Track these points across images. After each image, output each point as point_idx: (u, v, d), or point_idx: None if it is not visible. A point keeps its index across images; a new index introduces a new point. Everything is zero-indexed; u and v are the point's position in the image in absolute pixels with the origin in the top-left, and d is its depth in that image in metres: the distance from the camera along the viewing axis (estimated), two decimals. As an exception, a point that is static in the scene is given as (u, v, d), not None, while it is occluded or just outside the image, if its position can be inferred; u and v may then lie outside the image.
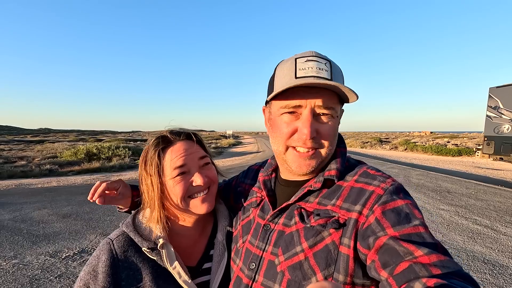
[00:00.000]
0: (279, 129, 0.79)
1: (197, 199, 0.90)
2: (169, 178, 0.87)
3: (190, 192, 0.89)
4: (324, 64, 0.73)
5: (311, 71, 0.72)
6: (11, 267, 3.55)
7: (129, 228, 0.88)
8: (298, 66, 0.74)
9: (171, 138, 0.91)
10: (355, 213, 0.68)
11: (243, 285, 0.79)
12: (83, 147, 15.93)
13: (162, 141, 0.90)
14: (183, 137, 0.92)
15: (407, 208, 0.65)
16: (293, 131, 0.76)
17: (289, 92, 0.74)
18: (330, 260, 0.67)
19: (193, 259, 0.94)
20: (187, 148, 0.90)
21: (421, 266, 0.52)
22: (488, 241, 4.46)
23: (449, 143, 28.10)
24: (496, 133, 12.53)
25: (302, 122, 0.74)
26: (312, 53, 0.76)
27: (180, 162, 0.87)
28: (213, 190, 0.95)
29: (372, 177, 0.74)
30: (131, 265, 0.82)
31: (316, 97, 0.73)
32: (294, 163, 0.79)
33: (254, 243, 0.83)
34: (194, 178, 0.89)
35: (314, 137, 0.74)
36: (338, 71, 0.76)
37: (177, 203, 0.89)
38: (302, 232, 0.73)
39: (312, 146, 0.76)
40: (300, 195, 0.78)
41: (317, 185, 0.77)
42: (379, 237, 0.61)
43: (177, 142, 0.90)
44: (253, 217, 0.90)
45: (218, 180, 0.98)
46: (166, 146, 0.89)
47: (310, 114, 0.74)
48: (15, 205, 6.49)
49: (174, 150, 0.88)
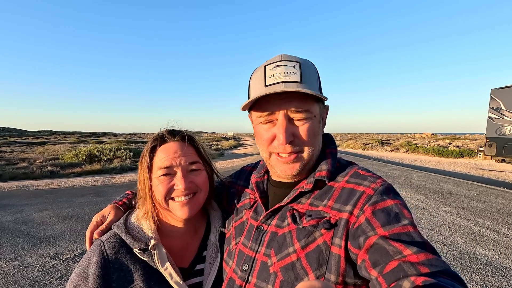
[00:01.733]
0: (260, 136, 0.82)
1: (178, 202, 0.89)
2: (154, 176, 0.89)
3: (171, 194, 0.88)
4: (293, 67, 0.74)
5: (279, 77, 0.73)
6: (12, 269, 3.54)
7: (120, 229, 0.87)
8: (267, 73, 0.75)
9: (166, 137, 0.92)
10: (346, 213, 0.69)
11: (236, 286, 0.79)
12: (84, 149, 15.96)
13: (157, 139, 0.91)
14: (178, 138, 0.92)
15: (397, 208, 0.66)
16: (272, 138, 0.78)
17: (263, 100, 0.76)
18: (322, 260, 0.68)
19: (186, 260, 0.94)
20: (176, 150, 0.89)
21: (409, 264, 0.53)
22: (491, 243, 4.43)
23: (450, 144, 28.04)
24: (498, 135, 12.49)
25: (278, 128, 0.76)
26: (280, 57, 0.76)
27: (165, 163, 0.87)
28: (199, 198, 0.93)
29: (363, 178, 0.75)
30: (122, 266, 0.82)
31: (288, 102, 0.74)
32: (278, 168, 0.81)
33: (247, 244, 0.83)
34: (176, 181, 0.88)
35: (292, 141, 0.76)
36: (309, 71, 0.77)
37: (159, 202, 0.89)
38: (294, 233, 0.74)
39: (292, 150, 0.77)
40: (292, 196, 0.79)
41: (308, 186, 0.78)
42: (369, 237, 0.62)
43: (170, 142, 0.91)
44: (246, 219, 0.90)
45: (207, 188, 0.96)
46: (159, 144, 0.90)
47: (284, 119, 0.75)
48: (17, 206, 6.50)
49: (164, 150, 0.89)
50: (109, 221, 0.94)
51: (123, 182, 10.17)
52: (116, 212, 0.97)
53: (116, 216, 0.96)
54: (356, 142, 36.72)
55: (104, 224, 0.93)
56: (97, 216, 0.96)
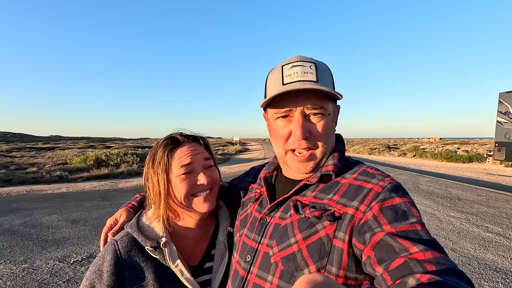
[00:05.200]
0: (276, 133, 0.84)
1: (200, 197, 0.93)
2: (175, 176, 0.91)
3: (194, 191, 0.93)
4: (309, 67, 0.78)
5: (296, 76, 0.77)
6: (21, 272, 3.61)
7: (133, 229, 0.91)
8: (284, 73, 0.79)
9: (180, 139, 0.96)
10: (352, 208, 0.70)
11: (239, 277, 0.81)
12: (92, 154, 16.17)
13: (171, 142, 0.95)
14: (192, 139, 0.98)
15: (405, 206, 0.66)
16: (288, 134, 0.81)
17: (280, 98, 0.79)
18: (323, 253, 0.69)
19: (195, 258, 0.97)
20: (194, 149, 0.95)
21: (416, 262, 0.53)
22: (501, 249, 4.35)
23: (459, 149, 27.60)
24: (507, 139, 12.27)
25: (294, 124, 0.79)
26: (297, 58, 0.80)
27: (187, 161, 0.92)
28: (215, 191, 0.99)
29: (371, 176, 0.76)
30: (135, 264, 0.85)
31: (305, 99, 0.77)
32: (294, 165, 0.83)
33: (251, 236, 0.85)
34: (199, 177, 0.93)
35: (307, 137, 0.79)
36: (324, 72, 0.80)
37: (180, 201, 0.92)
38: (296, 223, 0.75)
39: (307, 146, 0.80)
40: (296, 188, 0.81)
41: (313, 179, 0.80)
42: (375, 233, 0.62)
43: (185, 143, 0.96)
44: (251, 212, 0.92)
45: (219, 182, 1.03)
46: (175, 147, 0.94)
47: (300, 116, 0.78)
48: (26, 210, 6.62)
49: (183, 150, 0.94)
50: (122, 222, 0.99)
51: (130, 187, 10.27)
52: (128, 214, 1.03)
53: (127, 217, 1.01)
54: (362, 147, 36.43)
55: (117, 225, 0.98)
56: (110, 219, 1.01)
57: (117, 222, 1.00)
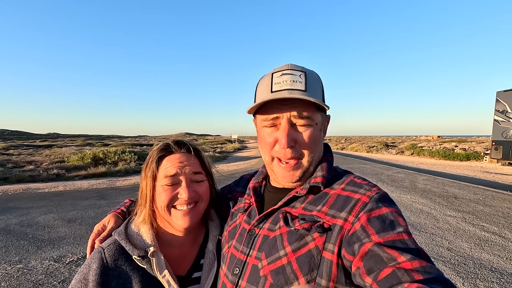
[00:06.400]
0: (263, 140, 0.84)
1: (180, 211, 0.91)
2: (159, 184, 0.91)
3: (174, 203, 0.91)
4: (299, 76, 0.77)
5: (285, 85, 0.76)
6: (16, 272, 3.59)
7: (121, 236, 0.89)
8: (274, 80, 0.79)
9: (172, 148, 0.95)
10: (340, 220, 0.70)
11: None
12: (89, 152, 16.13)
13: (164, 149, 0.94)
14: (184, 149, 0.96)
15: (392, 216, 0.66)
16: (274, 141, 0.81)
17: (267, 105, 0.79)
18: (313, 265, 0.68)
19: (183, 268, 0.95)
20: (182, 161, 0.93)
21: (403, 271, 0.54)
22: (496, 249, 4.36)
23: (456, 147, 27.72)
24: (504, 138, 12.33)
25: (280, 132, 0.78)
26: (287, 66, 0.80)
27: (171, 172, 0.90)
28: (199, 207, 0.95)
29: (359, 186, 0.76)
30: (121, 273, 0.84)
31: (292, 108, 0.77)
32: (279, 174, 0.83)
33: (239, 248, 0.84)
34: (181, 191, 0.90)
35: (293, 146, 0.78)
36: (314, 81, 0.80)
37: (161, 210, 0.91)
38: (285, 236, 0.74)
39: (292, 156, 0.79)
40: (285, 200, 0.80)
41: (302, 191, 0.79)
42: (364, 244, 0.62)
43: (176, 153, 0.94)
44: (239, 223, 0.91)
45: (208, 199, 0.99)
46: (165, 155, 0.94)
47: (287, 124, 0.77)
48: (22, 209, 6.60)
49: (171, 160, 0.92)
50: (110, 228, 0.97)
51: (128, 185, 10.25)
52: (116, 220, 1.01)
53: (116, 223, 0.99)
54: (361, 145, 36.52)
55: (105, 231, 0.96)
56: (98, 225, 0.99)
57: (105, 228, 0.98)
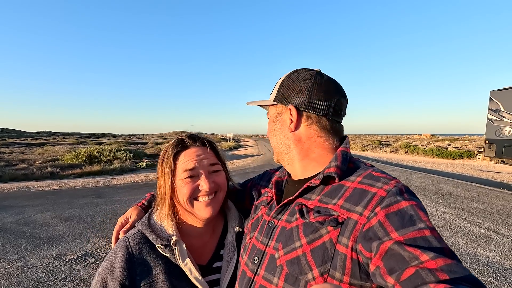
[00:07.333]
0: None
1: (202, 202, 0.94)
2: (179, 179, 0.93)
3: (196, 195, 0.94)
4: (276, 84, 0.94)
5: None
6: (16, 270, 3.55)
7: (144, 227, 0.93)
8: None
9: (187, 142, 0.96)
10: (355, 214, 0.68)
11: (246, 278, 0.82)
12: (84, 150, 15.95)
13: (179, 144, 0.96)
14: (199, 143, 0.98)
15: (412, 210, 0.63)
16: None
17: None
18: (326, 258, 0.68)
19: (204, 258, 0.98)
20: (199, 154, 0.95)
21: (427, 271, 0.51)
22: (492, 244, 4.47)
23: (449, 146, 28.10)
24: (497, 136, 12.53)
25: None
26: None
27: (190, 166, 0.92)
28: (219, 196, 0.98)
29: (376, 179, 0.74)
30: (145, 261, 0.87)
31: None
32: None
33: (259, 238, 0.86)
34: (201, 183, 0.93)
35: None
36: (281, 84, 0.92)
37: (183, 203, 0.94)
38: (301, 227, 0.75)
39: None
40: (300, 190, 0.80)
41: (316, 181, 0.79)
42: (383, 242, 0.60)
43: (192, 147, 0.96)
44: (261, 215, 0.93)
45: (226, 188, 1.02)
46: (181, 150, 0.95)
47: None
48: (18, 208, 6.51)
49: (188, 154, 0.94)
50: (132, 220, 1.01)
51: (124, 183, 10.18)
52: (138, 212, 1.05)
53: (138, 216, 1.03)
54: (355, 144, 36.76)
55: (128, 223, 1.00)
56: (121, 218, 1.03)
57: (128, 220, 1.02)
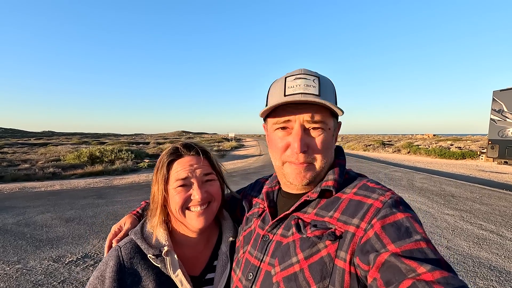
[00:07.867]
0: (274, 144, 0.83)
1: (194, 212, 0.92)
2: (171, 188, 0.93)
3: (188, 204, 0.93)
4: (313, 81, 0.76)
5: (298, 89, 0.76)
6: (15, 272, 3.55)
7: (137, 236, 0.92)
8: (287, 84, 0.78)
9: (181, 151, 0.96)
10: (352, 226, 0.68)
11: None
12: (86, 150, 16.00)
13: (174, 153, 0.96)
14: (193, 152, 0.97)
15: (408, 222, 0.64)
16: (286, 146, 0.80)
17: (280, 109, 0.78)
18: (325, 273, 0.67)
19: (197, 269, 0.97)
20: (192, 163, 0.94)
21: (424, 283, 0.51)
22: (494, 247, 4.41)
23: (452, 146, 27.95)
24: (500, 137, 12.45)
25: (293, 136, 0.78)
26: (301, 71, 0.79)
27: (182, 175, 0.92)
28: (213, 207, 0.97)
29: (372, 190, 0.74)
30: (136, 271, 0.86)
31: (304, 112, 0.76)
32: (291, 175, 0.81)
33: (253, 253, 0.84)
34: (193, 192, 0.92)
35: (305, 151, 0.77)
36: (327, 87, 0.79)
37: (175, 212, 0.93)
38: (298, 243, 0.74)
39: (304, 160, 0.78)
40: (297, 205, 0.79)
41: (313, 195, 0.78)
42: (380, 254, 0.60)
43: (186, 156, 0.96)
44: (254, 228, 0.91)
45: (220, 198, 1.01)
46: (175, 158, 0.95)
47: (300, 128, 0.76)
48: (19, 208, 6.52)
49: (181, 163, 0.94)
50: (126, 229, 1.00)
51: (125, 184, 10.19)
52: (132, 221, 1.04)
53: (132, 224, 1.02)
54: (357, 143, 36.68)
55: (122, 232, 0.99)
56: (115, 226, 1.02)
57: (121, 229, 1.01)
